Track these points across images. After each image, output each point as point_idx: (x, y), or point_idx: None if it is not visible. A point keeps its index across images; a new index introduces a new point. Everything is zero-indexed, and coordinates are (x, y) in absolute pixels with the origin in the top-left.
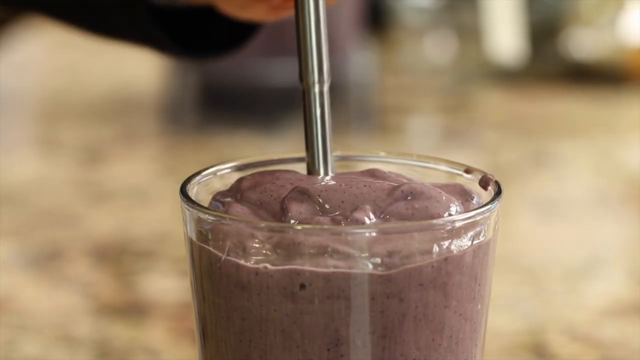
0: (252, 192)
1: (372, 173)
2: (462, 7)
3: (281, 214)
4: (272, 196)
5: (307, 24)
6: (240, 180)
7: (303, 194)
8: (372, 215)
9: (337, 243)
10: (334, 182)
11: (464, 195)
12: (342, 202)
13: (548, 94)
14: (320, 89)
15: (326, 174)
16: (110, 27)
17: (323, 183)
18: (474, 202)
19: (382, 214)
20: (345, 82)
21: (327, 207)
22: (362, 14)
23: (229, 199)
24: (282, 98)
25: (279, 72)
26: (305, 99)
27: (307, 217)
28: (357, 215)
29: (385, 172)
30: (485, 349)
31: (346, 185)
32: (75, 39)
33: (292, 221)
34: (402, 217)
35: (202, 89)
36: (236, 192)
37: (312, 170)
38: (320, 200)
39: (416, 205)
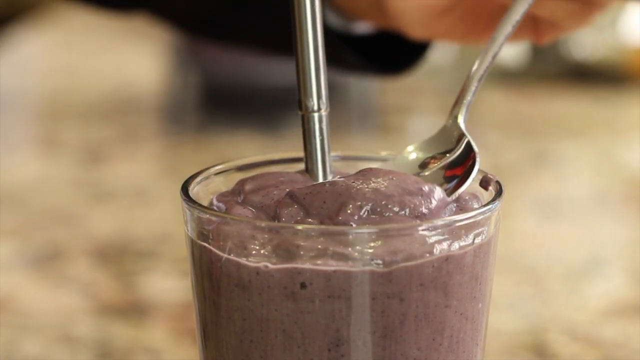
0: (255, 194)
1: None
2: None
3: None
4: (272, 199)
5: (306, 51)
6: (242, 182)
7: (293, 198)
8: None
9: (337, 243)
10: (333, 186)
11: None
12: (324, 202)
13: (548, 94)
14: (319, 115)
15: None
16: None
17: (323, 186)
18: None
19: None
20: (346, 82)
21: (313, 212)
22: None
23: (231, 201)
24: (282, 98)
25: (279, 72)
26: (304, 125)
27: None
28: (343, 218)
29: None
30: (486, 348)
31: (344, 188)
32: (75, 39)
33: None
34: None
35: (202, 89)
36: (239, 194)
37: None
38: (306, 203)
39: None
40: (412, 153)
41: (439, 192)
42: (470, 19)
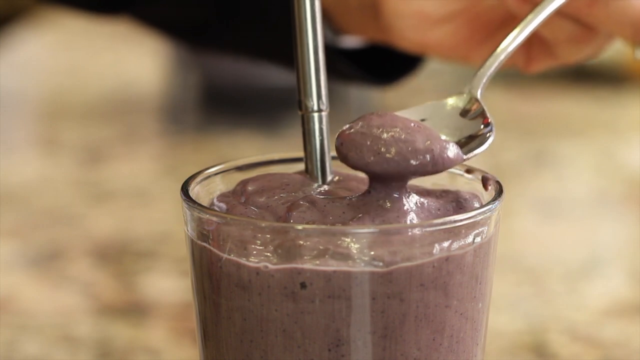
0: (259, 196)
1: None
2: None
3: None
4: (280, 202)
5: (306, 51)
6: (244, 183)
7: (311, 203)
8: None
9: (338, 243)
10: (341, 191)
11: (458, 203)
12: (343, 212)
13: (548, 94)
14: (319, 115)
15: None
16: None
17: (343, 200)
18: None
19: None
20: None
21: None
22: None
23: (232, 202)
24: (282, 98)
25: (279, 72)
26: (304, 125)
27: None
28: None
29: None
30: (486, 348)
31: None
32: (75, 39)
33: None
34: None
35: (202, 89)
36: (241, 195)
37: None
38: (325, 210)
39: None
40: (450, 100)
41: (452, 150)
42: (465, 32)
